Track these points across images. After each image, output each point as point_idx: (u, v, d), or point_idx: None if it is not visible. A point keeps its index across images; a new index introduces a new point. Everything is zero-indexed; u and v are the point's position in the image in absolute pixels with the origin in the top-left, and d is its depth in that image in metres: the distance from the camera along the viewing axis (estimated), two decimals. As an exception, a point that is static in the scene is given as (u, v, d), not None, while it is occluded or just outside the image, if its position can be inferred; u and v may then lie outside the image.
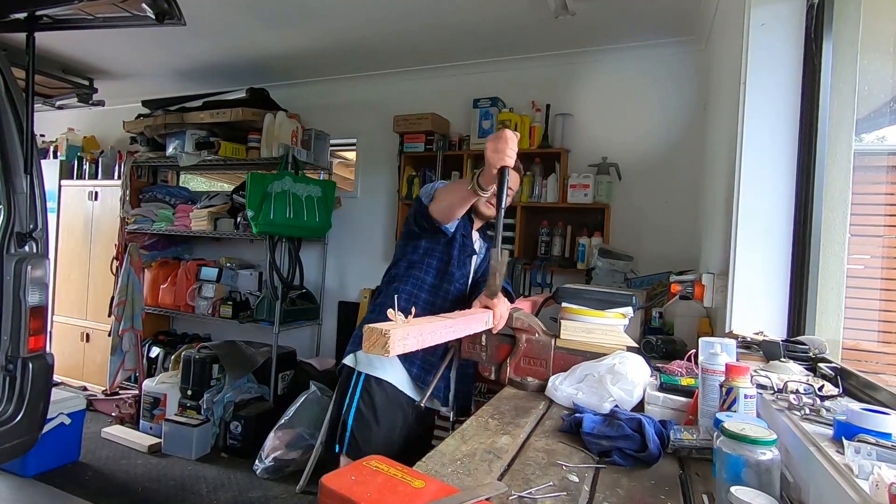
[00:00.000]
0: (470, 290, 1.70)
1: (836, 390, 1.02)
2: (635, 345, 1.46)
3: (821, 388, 1.01)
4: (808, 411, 0.90)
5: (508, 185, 1.37)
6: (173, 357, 3.62)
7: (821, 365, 1.18)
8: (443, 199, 1.48)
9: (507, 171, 1.29)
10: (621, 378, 1.18)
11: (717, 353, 1.02)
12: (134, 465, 2.95)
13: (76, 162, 4.30)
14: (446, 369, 1.55)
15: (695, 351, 1.18)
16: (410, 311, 1.06)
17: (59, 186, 4.26)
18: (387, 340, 0.92)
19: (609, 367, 1.22)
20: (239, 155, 3.60)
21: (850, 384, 1.09)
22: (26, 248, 2.16)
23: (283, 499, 2.67)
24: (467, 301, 1.60)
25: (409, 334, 0.97)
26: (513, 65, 3.28)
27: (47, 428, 2.58)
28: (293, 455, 2.85)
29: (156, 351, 3.87)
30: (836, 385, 1.05)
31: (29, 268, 2.11)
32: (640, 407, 1.16)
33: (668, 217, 2.91)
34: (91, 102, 3.88)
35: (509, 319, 1.43)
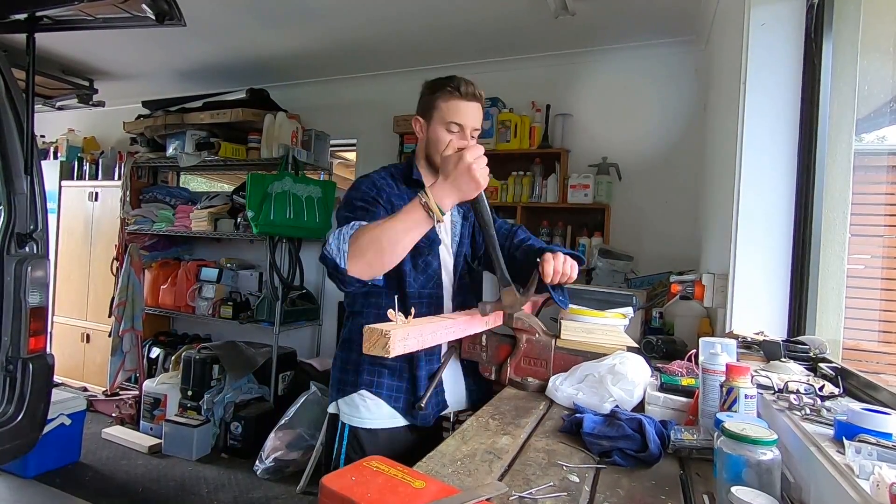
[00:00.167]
0: (459, 276, 1.46)
1: (836, 390, 1.02)
2: (636, 345, 1.45)
3: (821, 388, 1.01)
4: (808, 411, 0.90)
5: (461, 146, 1.22)
6: (173, 358, 3.62)
7: (821, 365, 1.18)
8: (372, 246, 1.06)
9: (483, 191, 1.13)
10: (622, 378, 1.18)
11: (718, 353, 1.02)
12: (134, 466, 2.95)
13: (76, 163, 4.31)
14: (436, 375, 1.40)
15: (695, 351, 1.18)
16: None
17: (60, 187, 4.27)
18: (387, 341, 0.92)
19: (609, 367, 1.22)
20: (239, 155, 3.60)
21: (851, 384, 1.09)
22: (27, 248, 2.16)
23: (283, 499, 2.67)
24: (462, 293, 1.46)
25: (409, 335, 0.97)
26: (513, 65, 3.28)
27: (47, 429, 2.58)
28: (293, 455, 2.85)
29: (156, 351, 3.88)
30: (837, 385, 1.05)
31: (29, 268, 2.11)
32: (640, 407, 1.16)
33: (668, 217, 2.91)
34: (91, 103, 3.89)
35: (509, 319, 1.42)
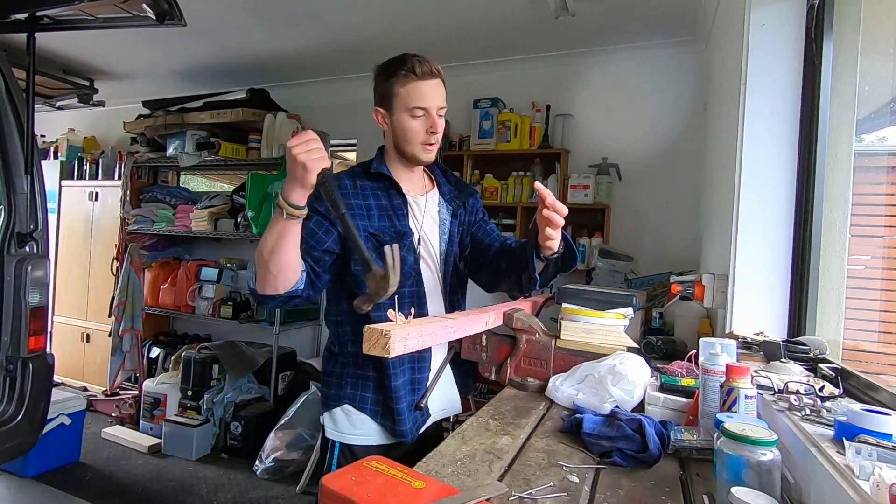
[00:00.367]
0: (450, 276, 1.37)
1: (836, 391, 1.02)
2: (636, 345, 1.45)
3: (821, 389, 1.01)
4: (808, 412, 0.89)
5: (431, 129, 1.15)
6: (173, 357, 3.62)
7: (821, 365, 1.18)
8: (259, 262, 1.06)
9: (331, 173, 0.99)
10: (622, 379, 1.18)
11: (718, 353, 1.02)
12: (134, 466, 2.95)
13: (76, 162, 4.31)
14: (438, 373, 1.37)
15: (695, 351, 1.18)
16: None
17: (60, 187, 4.27)
18: (387, 341, 0.91)
19: (609, 367, 1.22)
20: (239, 155, 3.60)
21: (851, 385, 1.09)
22: (27, 248, 2.16)
23: (283, 499, 2.67)
24: (456, 294, 1.41)
25: (409, 335, 0.97)
26: (513, 65, 3.28)
27: (47, 428, 2.58)
28: (293, 455, 2.85)
29: (156, 351, 3.88)
30: (837, 385, 1.05)
31: (29, 268, 2.11)
32: (640, 407, 1.16)
33: (668, 217, 2.91)
34: (91, 103, 3.89)
35: (509, 320, 1.42)
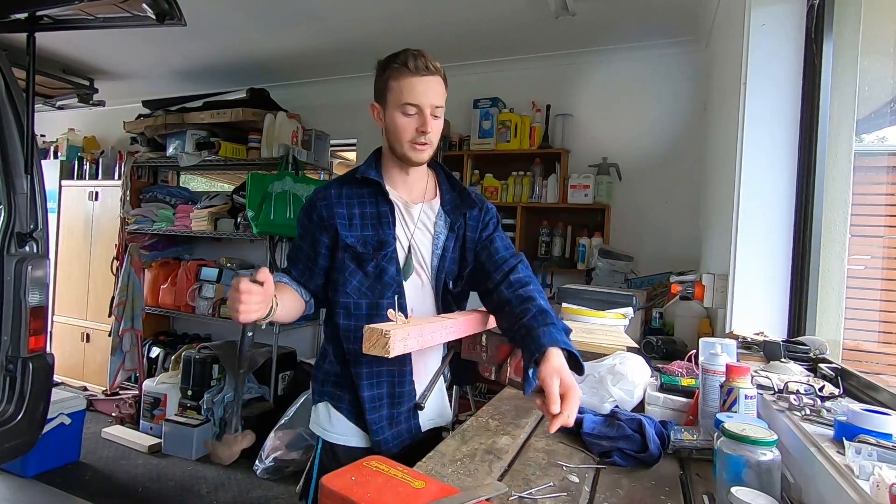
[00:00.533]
0: (442, 293, 1.25)
1: (836, 391, 1.02)
2: (636, 345, 1.46)
3: (821, 389, 1.01)
4: (808, 412, 0.90)
5: (421, 129, 1.12)
6: (173, 357, 3.62)
7: (821, 365, 1.18)
8: None
9: (252, 328, 1.03)
10: (622, 378, 1.18)
11: (718, 353, 1.02)
12: (134, 466, 2.95)
13: (76, 162, 4.31)
14: (437, 374, 1.30)
15: (695, 351, 1.18)
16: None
17: (60, 186, 4.26)
18: (387, 341, 0.91)
19: (609, 367, 1.22)
20: (239, 155, 3.60)
21: (851, 385, 1.09)
22: (26, 248, 2.16)
23: (283, 499, 2.67)
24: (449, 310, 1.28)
25: (409, 334, 0.97)
26: (513, 65, 3.28)
27: (47, 428, 2.58)
28: (293, 455, 2.85)
29: (156, 351, 3.88)
30: (837, 385, 1.05)
31: (29, 268, 2.11)
32: (640, 407, 1.16)
33: (668, 217, 2.91)
34: (91, 103, 3.88)
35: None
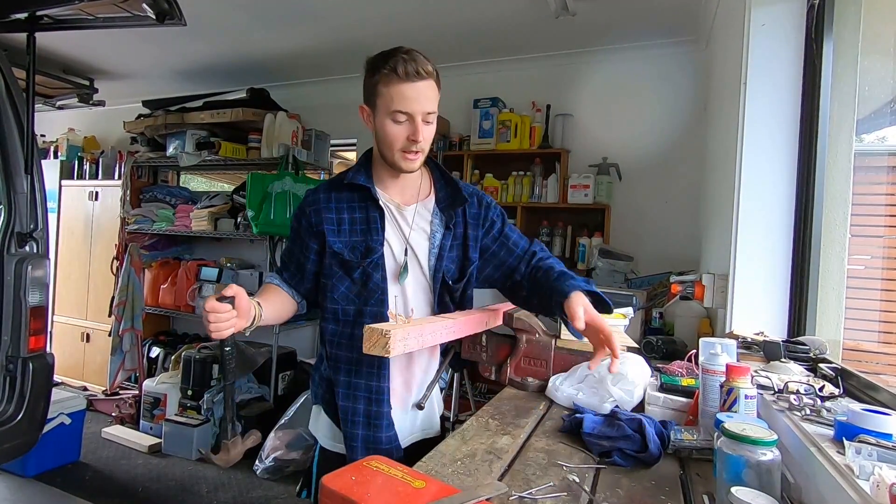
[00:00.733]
0: (438, 294, 1.21)
1: (836, 391, 1.02)
2: (636, 345, 1.46)
3: (821, 389, 1.01)
4: (808, 412, 0.90)
5: (412, 137, 1.14)
6: (173, 357, 3.62)
7: (821, 365, 1.18)
8: None
9: (230, 342, 1.10)
10: (622, 378, 1.18)
11: (718, 353, 1.02)
12: (134, 466, 2.95)
13: (76, 162, 4.31)
14: (436, 378, 1.29)
15: (695, 351, 1.18)
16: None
17: (60, 186, 4.26)
18: (387, 341, 0.91)
19: (609, 367, 1.22)
20: (239, 155, 3.60)
21: (851, 384, 1.09)
22: (27, 248, 2.16)
23: (283, 499, 2.67)
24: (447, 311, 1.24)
25: (409, 334, 0.97)
26: (513, 65, 3.28)
27: (47, 428, 2.58)
28: (293, 455, 2.85)
29: (156, 351, 3.88)
30: (837, 385, 1.05)
31: (29, 268, 2.11)
32: (640, 407, 1.16)
33: (668, 217, 2.91)
34: (91, 102, 3.89)
35: (509, 319, 1.42)
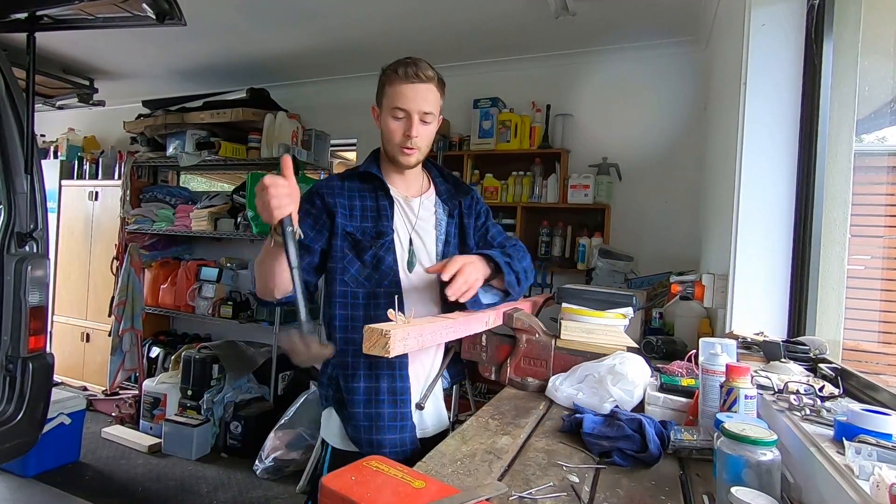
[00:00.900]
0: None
1: (836, 391, 1.02)
2: (636, 345, 1.45)
3: (821, 389, 1.01)
4: (808, 412, 0.89)
5: (407, 133, 1.20)
6: (173, 357, 3.62)
7: (821, 365, 1.17)
8: (258, 273, 1.18)
9: (290, 221, 1.01)
10: (622, 378, 1.18)
11: (718, 353, 1.02)
12: (134, 466, 2.95)
13: (76, 162, 4.31)
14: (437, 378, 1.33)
15: (695, 351, 1.18)
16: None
17: (60, 186, 4.26)
18: (387, 341, 0.91)
19: (609, 367, 1.22)
20: (239, 155, 3.60)
21: (851, 385, 1.09)
22: (26, 248, 2.16)
23: (283, 499, 2.67)
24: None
25: (409, 334, 0.97)
26: (513, 65, 3.28)
27: (47, 428, 2.58)
28: (293, 455, 2.85)
29: (156, 351, 3.88)
30: (837, 386, 1.05)
31: (29, 268, 2.11)
32: (640, 407, 1.16)
33: (668, 217, 2.91)
34: (91, 102, 3.89)
35: (509, 319, 1.42)
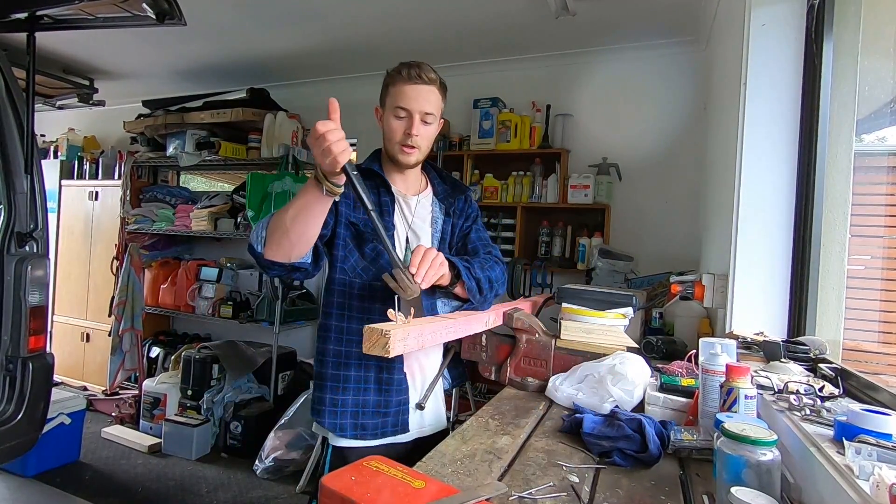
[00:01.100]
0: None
1: (836, 391, 1.02)
2: (636, 345, 1.45)
3: (821, 389, 1.01)
4: (808, 412, 0.89)
5: (407, 131, 1.20)
6: (173, 357, 3.62)
7: (821, 365, 1.17)
8: (278, 227, 1.10)
9: (352, 167, 0.99)
10: (622, 378, 1.18)
11: (718, 353, 1.02)
12: (134, 465, 2.95)
13: (76, 162, 4.31)
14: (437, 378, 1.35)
15: (695, 351, 1.18)
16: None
17: (60, 186, 4.26)
18: (387, 341, 0.91)
19: (609, 367, 1.22)
20: (239, 155, 3.60)
21: (851, 385, 1.09)
22: (26, 247, 2.16)
23: (283, 499, 2.67)
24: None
25: (409, 334, 0.97)
26: (513, 65, 3.28)
27: (47, 428, 2.58)
28: (293, 455, 2.85)
29: (156, 351, 3.88)
30: (837, 386, 1.05)
31: (29, 268, 2.11)
32: (640, 407, 1.16)
33: (668, 217, 2.91)
34: (91, 102, 3.89)
35: (509, 319, 1.42)
